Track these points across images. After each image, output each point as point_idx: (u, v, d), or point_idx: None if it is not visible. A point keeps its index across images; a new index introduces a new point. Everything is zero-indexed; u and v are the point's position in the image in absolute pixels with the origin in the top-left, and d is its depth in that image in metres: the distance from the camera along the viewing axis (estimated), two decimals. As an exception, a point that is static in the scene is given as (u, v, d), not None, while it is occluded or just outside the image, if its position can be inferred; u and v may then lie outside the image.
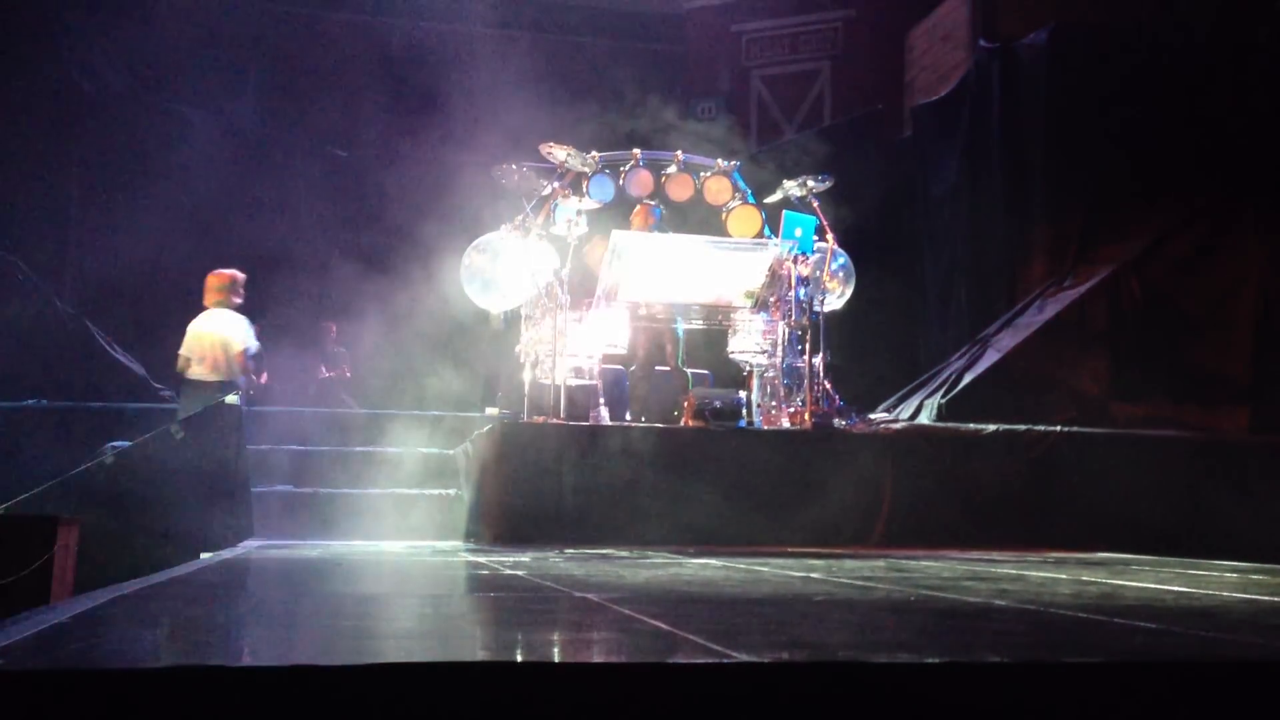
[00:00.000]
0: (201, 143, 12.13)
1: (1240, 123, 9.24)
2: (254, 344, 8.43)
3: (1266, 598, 3.86)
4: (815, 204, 8.67)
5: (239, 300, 8.51)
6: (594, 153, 8.97)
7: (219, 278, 8.53)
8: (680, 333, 8.69)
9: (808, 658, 2.27)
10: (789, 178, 8.84)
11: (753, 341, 8.45)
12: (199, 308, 8.55)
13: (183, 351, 8.32)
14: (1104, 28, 10.17)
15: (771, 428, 8.09)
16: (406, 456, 9.04)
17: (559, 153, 8.60)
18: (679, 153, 9.41)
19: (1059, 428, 7.97)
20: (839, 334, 9.08)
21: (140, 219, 11.33)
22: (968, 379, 8.82)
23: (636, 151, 9.23)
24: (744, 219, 9.29)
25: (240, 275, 8.59)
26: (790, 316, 8.27)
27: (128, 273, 10.98)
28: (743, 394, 8.31)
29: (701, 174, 9.34)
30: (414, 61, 14.05)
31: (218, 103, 13.02)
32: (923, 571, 4.90)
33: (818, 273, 8.45)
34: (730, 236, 9.11)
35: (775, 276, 8.37)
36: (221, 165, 12.04)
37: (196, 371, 8.28)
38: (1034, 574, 4.81)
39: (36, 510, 5.84)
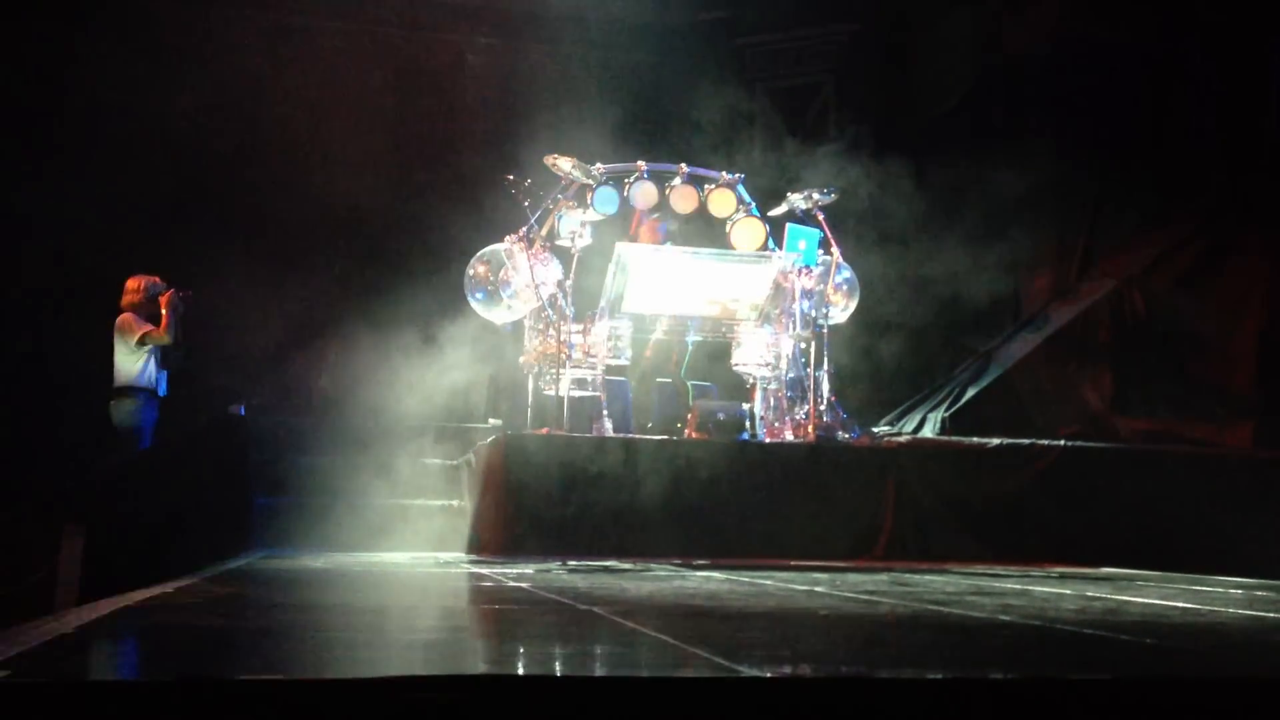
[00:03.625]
0: (204, 152, 12.14)
1: (1246, 138, 9.25)
2: (126, 346, 7.99)
3: (1271, 614, 3.85)
4: (819, 217, 8.68)
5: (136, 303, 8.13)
6: (598, 164, 8.98)
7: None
8: (690, 345, 8.69)
9: (812, 673, 2.26)
10: (793, 190, 8.84)
11: (756, 354, 8.45)
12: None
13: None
14: (1109, 42, 10.18)
15: (775, 440, 8.09)
16: (409, 467, 9.03)
17: (563, 164, 8.62)
18: (683, 165, 9.42)
19: (1063, 442, 7.96)
20: (843, 347, 9.07)
21: (138, 230, 11.34)
22: (971, 393, 8.81)
23: (641, 163, 9.23)
24: (748, 231, 9.29)
25: (141, 281, 8.22)
26: (794, 329, 8.28)
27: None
28: (746, 406, 8.31)
29: (705, 186, 9.35)
30: (417, 72, 14.07)
31: (216, 113, 13.03)
32: (927, 586, 4.89)
33: (822, 286, 8.45)
34: (734, 249, 9.11)
35: (779, 289, 8.37)
36: (224, 173, 12.06)
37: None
38: (1038, 589, 4.80)
39: (42, 520, 5.84)
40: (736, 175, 9.55)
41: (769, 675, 2.15)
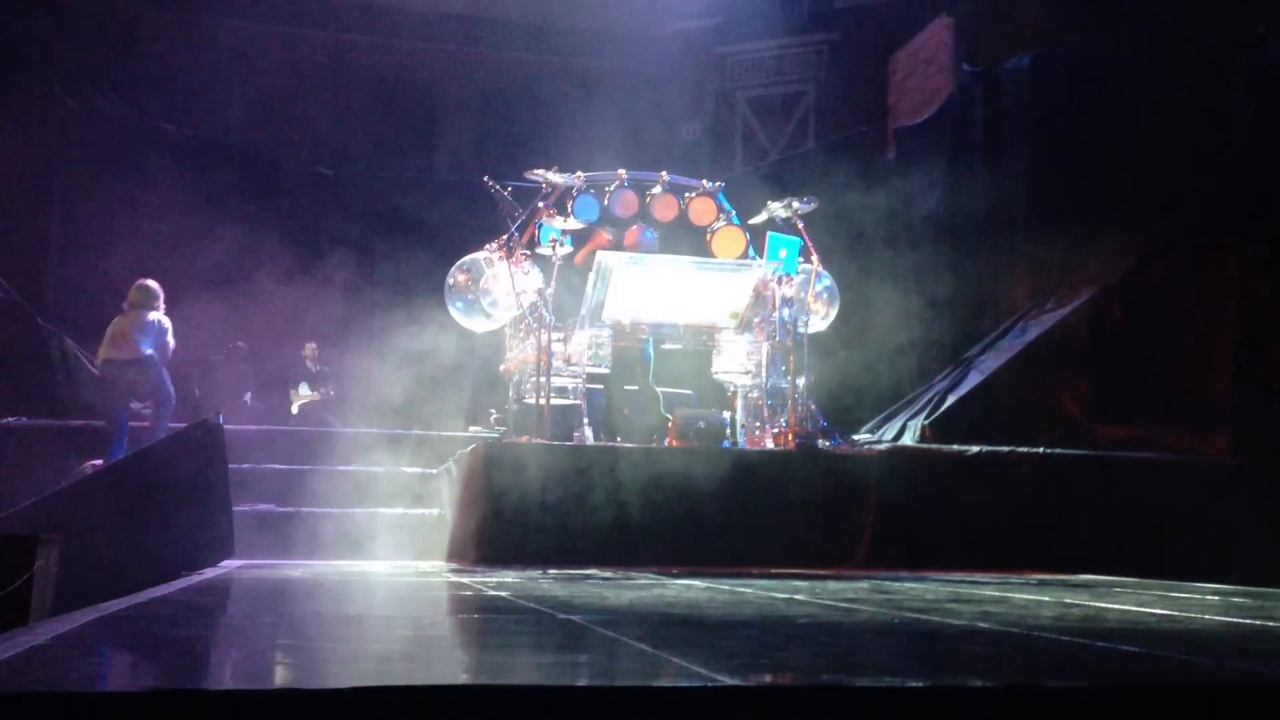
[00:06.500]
0: (185, 161, 12.10)
1: (1221, 148, 9.33)
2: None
3: (1248, 621, 3.87)
4: (799, 225, 8.71)
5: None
6: (579, 173, 8.98)
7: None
8: (649, 352, 8.66)
9: (792, 681, 2.27)
10: (774, 199, 8.86)
11: (737, 362, 8.47)
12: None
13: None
14: (1086, 53, 10.26)
15: (755, 448, 8.10)
16: (389, 476, 9.00)
17: (544, 172, 8.61)
18: (664, 173, 9.43)
19: (1041, 449, 8.00)
20: (822, 355, 9.10)
21: (122, 236, 11.30)
22: (951, 400, 8.85)
23: (622, 172, 9.23)
24: (728, 240, 9.31)
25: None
26: (774, 337, 8.29)
27: (109, 290, 10.94)
28: (726, 414, 8.32)
29: (686, 195, 9.35)
30: (400, 81, 14.07)
31: (202, 121, 13.00)
32: (906, 593, 4.90)
33: (801, 294, 8.47)
34: (715, 257, 9.12)
35: (759, 297, 8.39)
36: (205, 183, 12.01)
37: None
38: (1017, 596, 4.82)
39: (17, 529, 5.78)
40: (717, 184, 9.57)
41: (748, 684, 2.15)
